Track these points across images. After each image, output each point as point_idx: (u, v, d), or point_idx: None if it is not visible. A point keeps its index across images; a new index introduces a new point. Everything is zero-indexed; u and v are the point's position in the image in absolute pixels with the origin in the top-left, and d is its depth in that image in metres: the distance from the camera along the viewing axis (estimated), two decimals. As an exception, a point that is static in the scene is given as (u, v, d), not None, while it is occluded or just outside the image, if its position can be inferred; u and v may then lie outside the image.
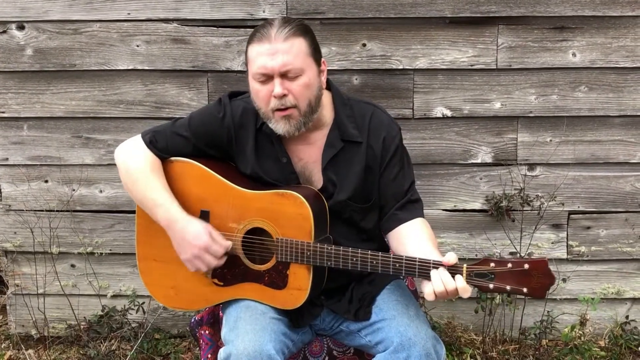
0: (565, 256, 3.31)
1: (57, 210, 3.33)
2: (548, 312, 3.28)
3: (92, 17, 3.19)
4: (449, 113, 3.21)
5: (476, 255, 3.31)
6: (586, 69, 3.17)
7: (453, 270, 2.09)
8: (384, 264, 2.17)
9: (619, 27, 3.13)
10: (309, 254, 2.23)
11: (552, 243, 3.31)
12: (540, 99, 3.19)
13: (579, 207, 3.28)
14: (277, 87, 2.19)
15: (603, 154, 3.23)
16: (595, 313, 3.30)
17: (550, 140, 3.22)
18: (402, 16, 3.13)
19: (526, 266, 2.04)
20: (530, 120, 3.21)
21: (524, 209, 3.23)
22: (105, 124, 3.29)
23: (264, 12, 3.14)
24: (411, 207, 2.35)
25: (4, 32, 3.21)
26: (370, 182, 2.34)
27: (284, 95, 2.20)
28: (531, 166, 3.25)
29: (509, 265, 2.05)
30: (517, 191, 3.22)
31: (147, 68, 3.22)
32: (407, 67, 3.18)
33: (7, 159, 3.33)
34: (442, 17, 3.13)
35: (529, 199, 3.21)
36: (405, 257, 2.15)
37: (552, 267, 3.26)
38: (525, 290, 2.04)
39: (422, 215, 2.36)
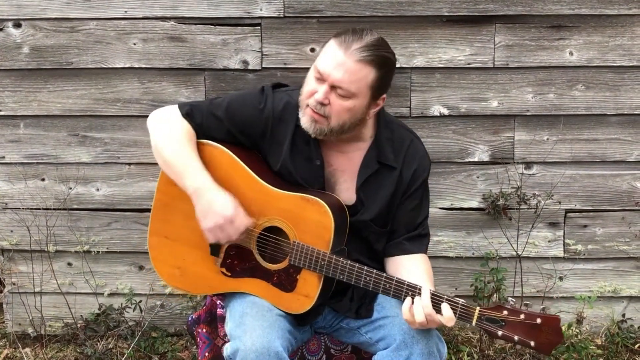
0: (561, 254, 3.32)
1: (53, 209, 3.32)
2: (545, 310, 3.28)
3: (89, 15, 3.18)
4: (446, 111, 3.21)
5: (473, 253, 3.31)
6: (583, 68, 3.17)
7: (465, 310, 2.11)
8: (396, 289, 2.18)
9: (616, 25, 3.13)
10: (323, 263, 2.23)
11: (549, 241, 3.31)
12: (537, 97, 3.19)
13: (575, 205, 3.29)
14: (321, 93, 2.19)
15: (600, 153, 3.24)
16: (591, 311, 3.31)
17: (547, 139, 3.23)
18: (399, 14, 3.13)
19: (539, 320, 2.05)
20: (527, 118, 3.22)
21: (521, 207, 3.24)
22: (102, 122, 3.28)
23: (261, 10, 3.14)
24: (419, 241, 2.37)
25: (1, 30, 3.20)
26: (392, 208, 2.35)
27: (323, 104, 2.20)
28: (528, 165, 3.25)
29: (522, 316, 2.06)
30: (514, 189, 3.22)
31: (144, 66, 3.21)
32: (404, 66, 3.17)
33: (3, 157, 3.32)
34: (439, 16, 3.13)
35: (525, 198, 3.21)
36: (419, 286, 2.16)
37: (548, 266, 3.31)
38: (532, 344, 2.06)
39: (425, 251, 2.39)
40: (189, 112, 2.37)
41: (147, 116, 3.16)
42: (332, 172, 2.35)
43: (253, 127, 2.35)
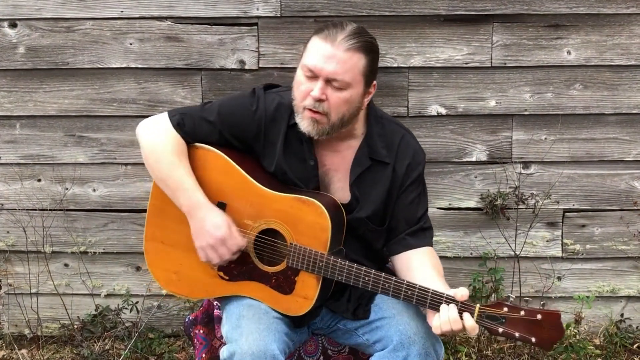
0: (560, 254, 3.31)
1: (50, 210, 3.31)
2: (543, 310, 3.27)
3: (85, 14, 3.17)
4: (443, 111, 3.20)
5: (471, 253, 3.30)
6: (581, 67, 3.16)
7: (465, 307, 2.09)
8: (395, 289, 2.17)
9: (613, 24, 3.12)
10: (321, 264, 2.22)
11: (547, 241, 3.30)
12: (535, 97, 3.19)
13: (573, 205, 3.28)
14: (317, 90, 2.17)
15: (598, 152, 3.23)
16: (590, 311, 3.31)
17: (545, 139, 3.22)
18: (396, 14, 3.12)
19: (539, 316, 2.05)
20: (525, 118, 3.21)
21: (519, 207, 3.23)
22: (98, 123, 3.27)
23: (257, 9, 3.13)
24: (422, 234, 2.35)
25: (-4, 30, 3.20)
26: (389, 205, 2.34)
27: (321, 100, 2.18)
28: (526, 164, 3.25)
29: (522, 312, 2.06)
30: (512, 189, 3.22)
31: (140, 66, 3.20)
32: (401, 65, 3.17)
33: (-1, 157, 3.32)
34: (436, 15, 3.13)
35: (523, 197, 3.21)
36: (419, 286, 2.14)
37: (547, 266, 3.30)
38: (533, 340, 2.05)
39: (431, 244, 2.37)
40: (180, 122, 2.34)
41: (143, 116, 3.15)
42: (326, 171, 2.34)
43: (246, 130, 2.33)
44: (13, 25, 3.19)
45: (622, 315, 3.33)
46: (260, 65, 3.17)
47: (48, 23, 3.19)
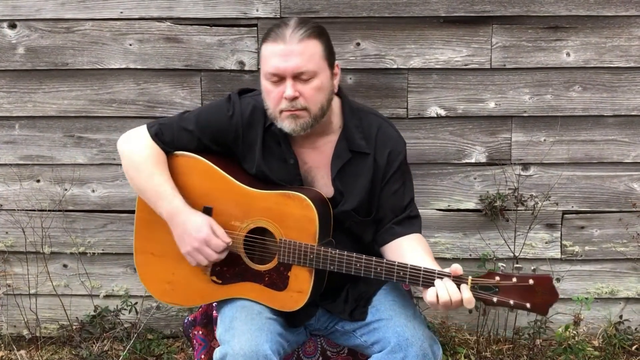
0: (559, 256, 3.31)
1: (49, 210, 3.31)
2: (542, 312, 3.27)
3: (84, 15, 3.17)
4: (443, 113, 3.21)
5: (470, 255, 3.30)
6: (580, 69, 3.17)
7: (457, 281, 2.10)
8: (387, 271, 2.17)
9: (613, 26, 3.13)
10: (312, 256, 2.22)
11: (546, 243, 3.30)
12: (534, 98, 3.19)
13: (572, 206, 3.28)
14: (289, 89, 2.18)
15: (597, 154, 3.23)
16: (589, 313, 3.30)
17: (544, 140, 3.22)
18: (396, 15, 3.12)
19: (531, 282, 2.05)
20: (524, 120, 3.21)
21: (518, 208, 3.23)
22: (97, 123, 3.27)
23: (257, 10, 3.13)
24: (409, 223, 2.36)
25: (-4, 30, 3.20)
26: (373, 196, 2.34)
27: (295, 98, 2.19)
28: (525, 166, 3.25)
29: (514, 279, 2.06)
30: (511, 191, 3.22)
31: (140, 67, 3.20)
32: (401, 67, 3.17)
33: (-2, 158, 3.31)
34: (436, 17, 3.13)
35: (523, 199, 3.21)
36: (410, 265, 2.15)
37: (545, 267, 3.30)
38: (528, 305, 2.06)
39: (419, 231, 2.37)
40: (158, 132, 2.36)
41: (143, 117, 3.20)
42: (308, 170, 2.35)
43: (224, 135, 2.36)
44: (12, 25, 3.19)
45: (620, 316, 3.33)
46: (259, 67, 3.17)
47: (47, 24, 3.19)
